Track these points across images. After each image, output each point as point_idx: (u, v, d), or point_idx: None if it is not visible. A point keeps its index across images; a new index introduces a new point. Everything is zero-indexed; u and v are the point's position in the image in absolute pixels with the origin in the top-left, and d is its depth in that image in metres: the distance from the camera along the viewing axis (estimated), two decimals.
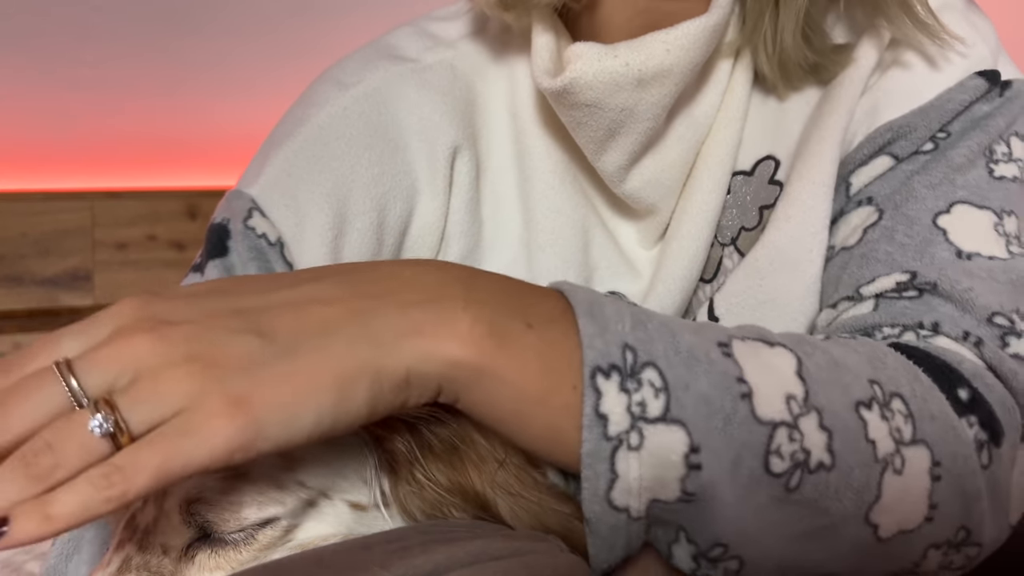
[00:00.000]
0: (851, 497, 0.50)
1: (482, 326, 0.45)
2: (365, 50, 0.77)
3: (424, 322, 0.44)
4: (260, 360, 0.41)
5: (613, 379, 0.46)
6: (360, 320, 0.44)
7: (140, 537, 0.50)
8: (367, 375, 0.42)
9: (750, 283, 0.68)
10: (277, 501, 0.50)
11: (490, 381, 0.45)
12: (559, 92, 0.67)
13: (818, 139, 0.68)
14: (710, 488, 0.47)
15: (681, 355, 0.47)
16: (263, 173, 0.70)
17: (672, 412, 0.46)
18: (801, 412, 0.49)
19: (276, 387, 0.40)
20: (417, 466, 0.51)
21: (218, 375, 0.40)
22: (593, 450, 0.45)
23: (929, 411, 0.53)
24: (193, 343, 0.41)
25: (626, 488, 0.46)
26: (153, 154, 1.75)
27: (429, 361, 0.44)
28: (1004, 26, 0.75)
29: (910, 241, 0.62)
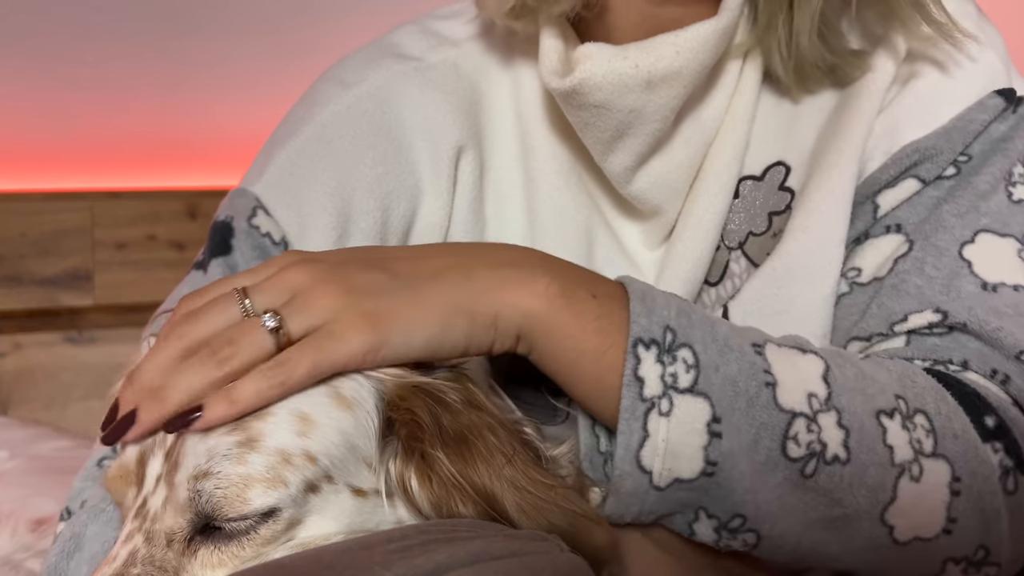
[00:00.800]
0: (865, 494, 0.54)
1: (556, 287, 0.54)
2: (368, 49, 0.77)
3: (510, 279, 0.54)
4: (386, 290, 0.52)
5: (652, 351, 0.53)
6: (462, 272, 0.54)
7: (148, 527, 0.50)
8: (465, 313, 0.53)
9: (766, 292, 0.68)
10: (282, 482, 0.49)
11: (557, 334, 0.54)
12: (568, 93, 0.67)
13: (836, 151, 0.67)
14: (729, 459, 0.52)
15: (717, 343, 0.54)
16: (267, 171, 0.70)
17: (700, 386, 0.53)
18: (821, 409, 0.54)
19: (398, 310, 0.52)
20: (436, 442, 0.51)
21: (355, 297, 0.51)
22: (630, 407, 0.52)
23: (952, 430, 0.57)
24: (336, 272, 0.53)
25: (653, 449, 0.52)
26: (153, 154, 1.75)
27: (512, 310, 0.54)
28: (1004, 26, 0.75)
29: (938, 274, 0.64)
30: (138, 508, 0.51)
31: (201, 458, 0.49)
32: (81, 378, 1.67)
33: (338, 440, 0.51)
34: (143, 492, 0.51)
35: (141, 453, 0.52)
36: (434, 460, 0.51)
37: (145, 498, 0.51)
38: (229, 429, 0.49)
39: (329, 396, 0.51)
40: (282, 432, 0.50)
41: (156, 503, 0.51)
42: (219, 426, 0.49)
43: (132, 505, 0.52)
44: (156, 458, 0.51)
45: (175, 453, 0.50)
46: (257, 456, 0.49)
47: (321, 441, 0.51)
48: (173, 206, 1.74)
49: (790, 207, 0.71)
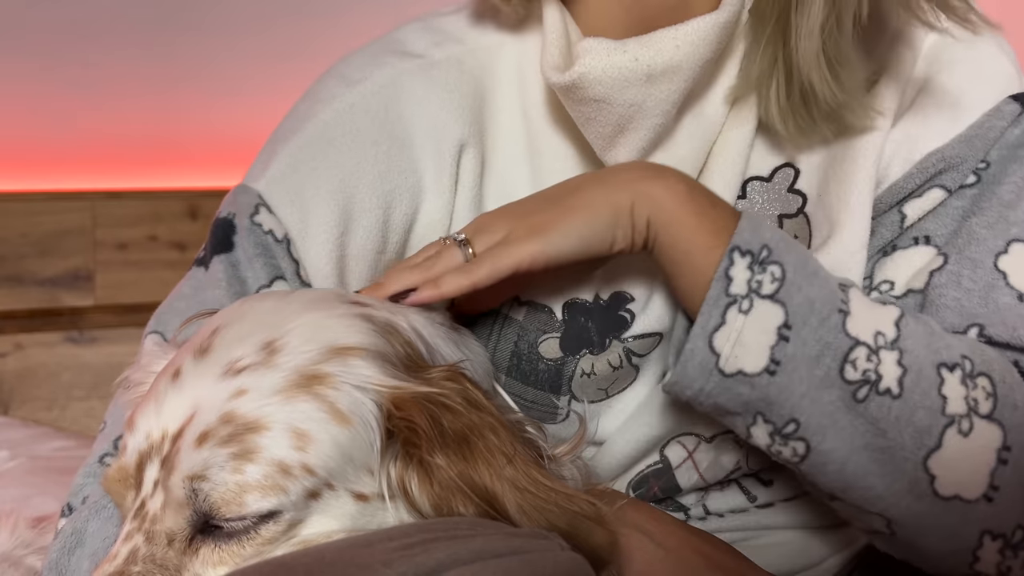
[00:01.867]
0: (911, 433, 0.58)
1: (684, 186, 0.62)
2: (373, 46, 0.77)
3: (642, 175, 0.63)
4: (542, 208, 0.64)
5: (746, 259, 0.59)
6: (599, 180, 0.64)
7: (148, 527, 0.50)
8: (607, 205, 0.62)
9: None
10: (281, 489, 0.50)
11: (677, 225, 0.61)
12: (568, 87, 0.67)
13: (851, 159, 0.68)
14: (791, 363, 0.58)
15: (807, 269, 0.59)
16: (270, 168, 0.70)
17: (780, 295, 0.58)
18: (884, 346, 0.59)
19: (553, 219, 0.62)
20: (436, 448, 0.51)
21: (520, 219, 0.64)
22: (714, 297, 0.58)
23: (1014, 400, 0.60)
24: (509, 211, 0.66)
25: (727, 335, 0.58)
26: (154, 154, 1.75)
27: (645, 198, 0.62)
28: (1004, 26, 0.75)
29: (975, 286, 0.66)
30: (137, 509, 0.51)
31: (196, 465, 0.50)
32: (82, 378, 1.67)
33: (336, 453, 0.51)
34: (141, 495, 0.52)
35: (140, 458, 0.52)
36: (433, 466, 0.51)
37: (144, 500, 0.51)
38: (223, 441, 0.50)
39: (325, 411, 0.51)
40: (279, 447, 0.50)
41: (155, 505, 0.51)
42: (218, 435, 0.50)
43: (131, 507, 0.52)
44: (154, 464, 0.51)
45: (171, 460, 0.50)
46: (254, 466, 0.50)
47: (318, 455, 0.51)
48: (174, 206, 1.74)
49: (803, 212, 0.71)
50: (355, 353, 0.53)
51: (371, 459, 0.52)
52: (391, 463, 0.53)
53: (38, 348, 1.66)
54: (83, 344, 1.68)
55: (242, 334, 0.53)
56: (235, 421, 0.50)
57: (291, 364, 0.52)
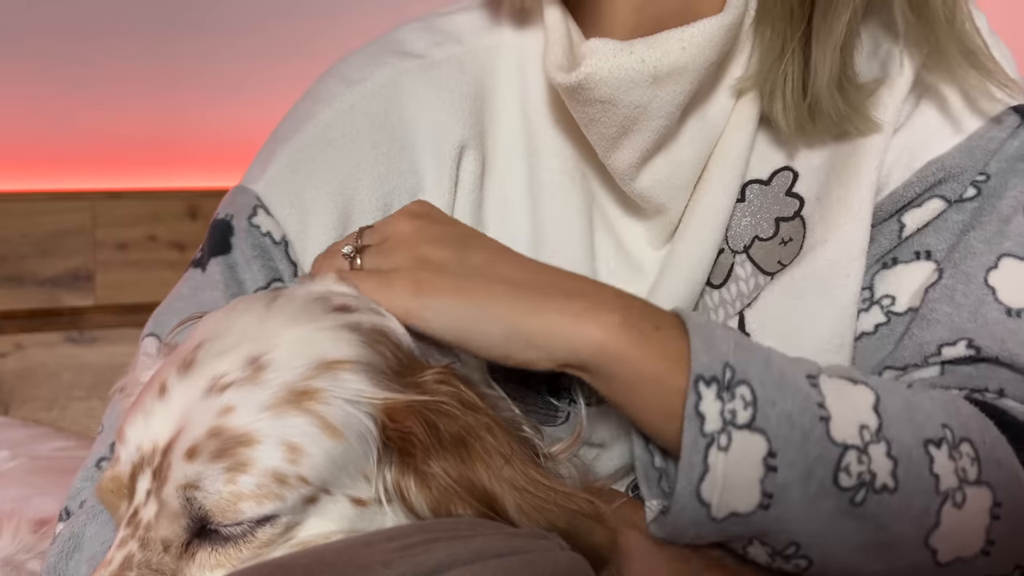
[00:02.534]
0: (910, 520, 0.56)
1: (617, 317, 0.56)
2: (373, 46, 0.76)
3: (570, 305, 0.57)
4: (448, 270, 0.58)
5: (712, 388, 0.55)
6: (527, 287, 0.58)
7: (142, 534, 0.50)
8: (506, 319, 0.56)
9: (786, 303, 0.68)
10: (277, 496, 0.49)
11: (616, 362, 0.56)
12: (573, 88, 0.67)
13: (853, 165, 0.67)
14: (784, 491, 0.55)
15: (773, 378, 0.56)
16: (268, 169, 0.70)
17: (757, 422, 0.55)
18: (872, 440, 0.56)
19: (444, 288, 0.57)
20: (432, 455, 0.51)
21: (419, 264, 0.58)
22: (691, 442, 0.54)
23: (996, 458, 0.59)
24: (421, 242, 0.60)
25: (712, 482, 0.54)
26: (154, 154, 1.75)
27: (562, 336, 0.56)
28: (1004, 26, 0.75)
29: (966, 301, 0.65)
30: (130, 517, 0.51)
31: (190, 475, 0.49)
32: (82, 378, 1.67)
33: (330, 465, 0.51)
34: (134, 503, 0.51)
35: (133, 468, 0.52)
36: (430, 474, 0.51)
37: (136, 508, 0.51)
38: (214, 455, 0.49)
39: (317, 426, 0.51)
40: (271, 458, 0.50)
41: (148, 514, 0.51)
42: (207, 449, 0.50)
43: (125, 515, 0.52)
44: (145, 475, 0.51)
45: (163, 472, 0.50)
46: (247, 477, 0.49)
47: (312, 467, 0.51)
48: (174, 206, 1.74)
49: (800, 215, 0.70)
50: (344, 367, 0.52)
51: (367, 467, 0.52)
52: (387, 469, 0.53)
53: (38, 348, 1.66)
54: (83, 344, 1.68)
55: (226, 348, 0.53)
56: (224, 435, 0.50)
57: (279, 380, 0.51)
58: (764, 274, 0.71)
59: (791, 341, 0.66)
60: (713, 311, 0.74)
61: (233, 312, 0.56)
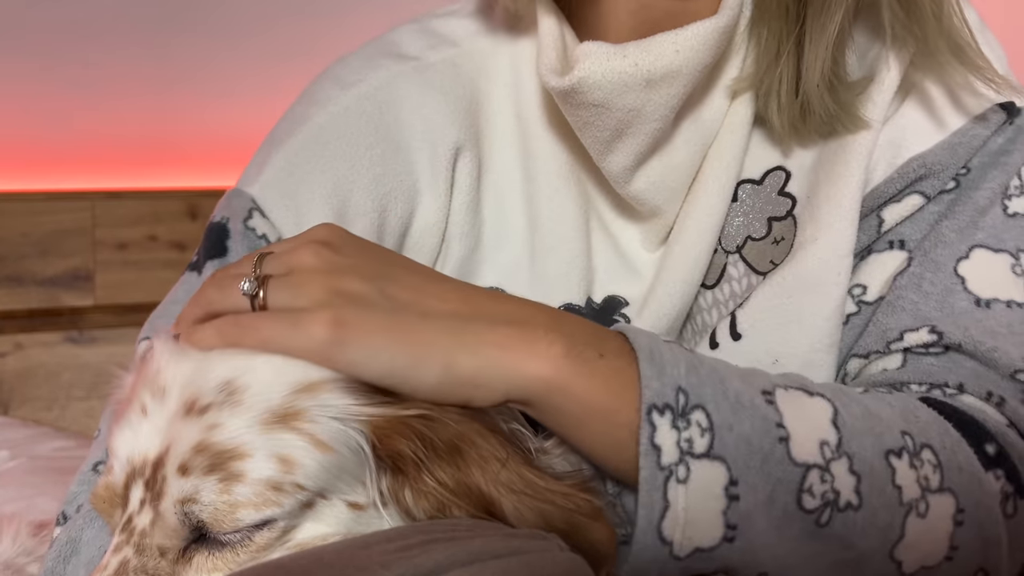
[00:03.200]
0: (876, 535, 0.54)
1: (559, 347, 0.52)
2: (367, 48, 0.76)
3: (507, 338, 0.52)
4: (371, 305, 0.52)
5: (666, 416, 0.51)
6: (458, 319, 0.53)
7: (137, 540, 0.50)
8: (441, 359, 0.51)
9: (776, 302, 0.67)
10: (274, 503, 0.49)
11: (560, 395, 0.52)
12: (566, 91, 0.66)
13: (843, 163, 0.67)
14: (747, 520, 0.52)
15: (728, 400, 0.53)
16: (264, 172, 0.70)
17: (715, 449, 0.52)
18: (833, 457, 0.54)
19: (371, 327, 0.51)
20: (423, 469, 0.51)
21: (337, 299, 0.51)
22: (649, 478, 0.51)
23: (957, 463, 0.57)
24: (336, 272, 0.53)
25: (674, 519, 0.51)
26: (154, 154, 1.75)
27: (502, 370, 0.52)
28: (1004, 26, 0.75)
29: (933, 289, 0.64)
30: (124, 524, 0.51)
31: (187, 490, 0.49)
32: (82, 378, 1.67)
33: (324, 474, 0.51)
34: (128, 511, 0.51)
35: (127, 478, 0.52)
36: (424, 489, 0.51)
37: (130, 516, 0.51)
38: (207, 469, 0.49)
39: (307, 441, 0.51)
40: (264, 469, 0.50)
41: (143, 521, 0.51)
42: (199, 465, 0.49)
43: (119, 522, 0.52)
44: (138, 485, 0.51)
45: (157, 486, 0.50)
46: (243, 487, 0.49)
47: (306, 476, 0.50)
48: (174, 206, 1.74)
49: (792, 214, 0.70)
50: (325, 387, 0.51)
51: (362, 475, 0.52)
52: (383, 477, 0.53)
53: (38, 348, 1.66)
54: (83, 344, 1.69)
55: (197, 373, 0.52)
56: (211, 450, 0.49)
57: (261, 404, 0.50)
58: (756, 274, 0.71)
59: (782, 340, 0.66)
60: (707, 311, 0.74)
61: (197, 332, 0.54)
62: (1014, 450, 0.59)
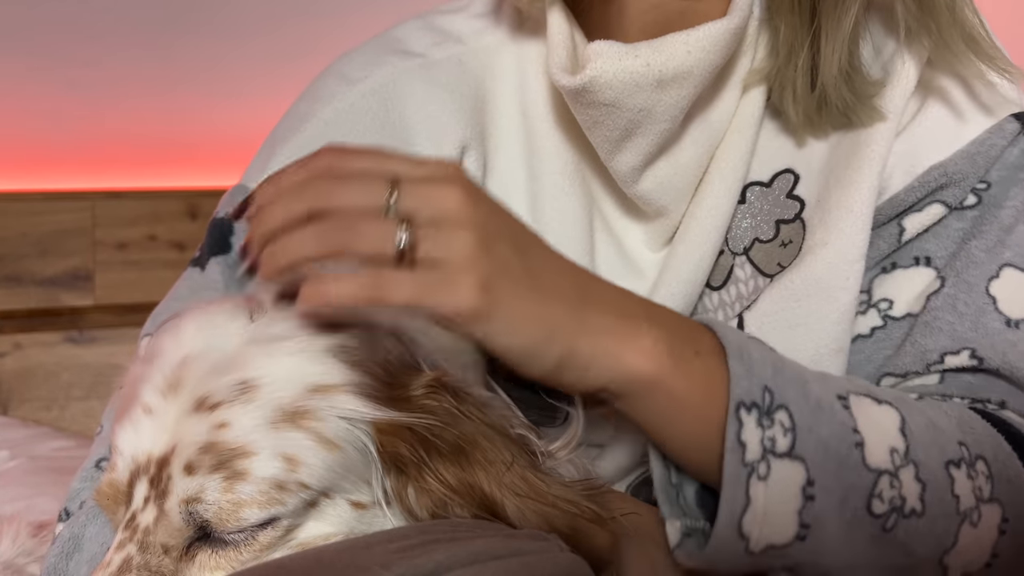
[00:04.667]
0: (933, 542, 0.56)
1: (662, 345, 0.54)
2: (372, 44, 0.76)
3: (618, 326, 0.53)
4: (515, 275, 0.51)
5: (753, 414, 0.53)
6: (578, 301, 0.53)
7: (141, 537, 0.50)
8: (567, 342, 0.52)
9: (784, 305, 0.67)
10: (278, 502, 0.49)
11: (662, 394, 0.54)
12: (577, 90, 0.66)
13: (855, 168, 0.67)
14: (821, 520, 0.53)
15: (810, 403, 0.55)
16: (268, 168, 0.70)
17: (796, 450, 0.53)
18: (902, 464, 0.56)
19: (514, 300, 0.50)
20: (426, 469, 0.51)
21: (488, 261, 0.50)
22: (733, 474, 0.52)
23: (1007, 475, 0.59)
24: (486, 229, 0.51)
25: (753, 515, 0.52)
26: (154, 154, 1.75)
27: (611, 361, 0.53)
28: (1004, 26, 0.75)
29: (967, 310, 0.65)
30: (127, 521, 0.51)
31: (191, 489, 0.49)
32: (81, 378, 1.67)
33: (329, 473, 0.51)
34: (131, 509, 0.51)
35: (131, 475, 0.52)
36: (427, 488, 0.51)
37: (134, 513, 0.51)
38: (213, 468, 0.49)
39: (313, 440, 0.51)
40: (269, 468, 0.50)
41: (147, 519, 0.51)
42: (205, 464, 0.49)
43: (122, 519, 0.52)
44: (142, 483, 0.51)
45: (161, 484, 0.50)
46: (247, 486, 0.49)
47: (311, 474, 0.50)
48: (173, 206, 1.74)
49: (800, 217, 0.70)
50: (337, 390, 0.51)
51: (367, 475, 0.52)
52: (387, 477, 0.53)
53: (37, 348, 1.66)
54: (83, 344, 1.68)
55: (212, 370, 0.51)
56: (217, 449, 0.49)
57: (272, 403, 0.50)
58: (764, 276, 0.71)
59: (789, 344, 0.66)
60: (712, 313, 0.74)
61: (214, 327, 0.54)
62: None
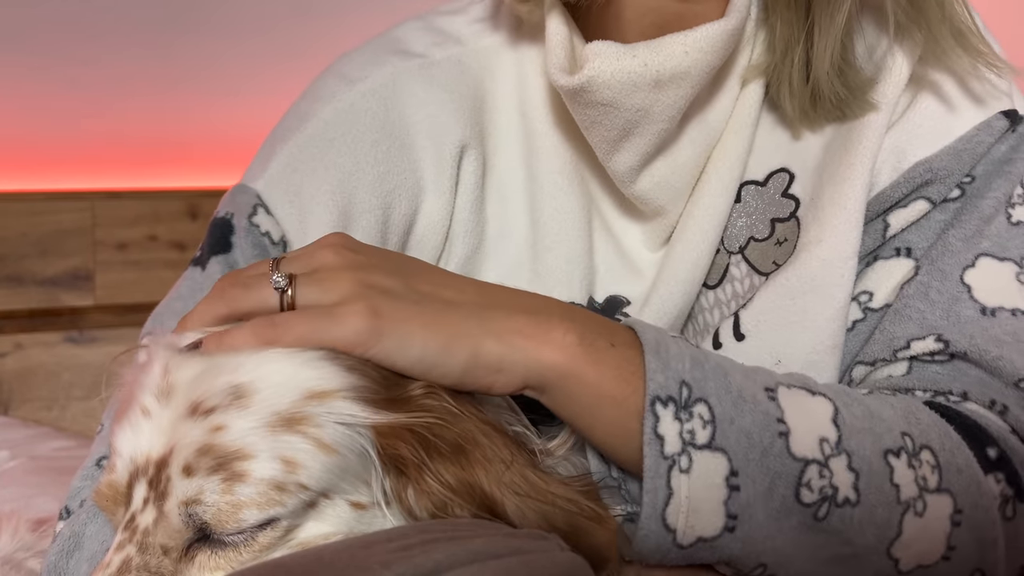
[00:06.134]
0: (873, 531, 0.55)
1: (573, 336, 0.55)
2: (372, 44, 0.76)
3: (526, 325, 0.54)
4: (400, 297, 0.54)
5: (669, 408, 0.53)
6: (478, 308, 0.55)
7: (140, 538, 0.50)
8: (469, 345, 0.53)
9: (780, 303, 0.67)
10: (277, 503, 0.49)
11: (574, 382, 0.54)
12: (575, 90, 0.66)
13: (847, 165, 0.67)
14: (747, 510, 0.53)
15: (731, 394, 0.55)
16: (269, 168, 0.70)
17: (717, 441, 0.53)
18: (832, 453, 0.55)
19: (403, 316, 0.52)
20: (426, 470, 0.51)
21: (369, 291, 0.53)
22: (652, 466, 0.52)
23: (956, 464, 0.58)
24: (362, 268, 0.55)
25: (677, 506, 0.53)
26: (154, 154, 1.75)
27: (522, 356, 0.54)
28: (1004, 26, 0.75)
29: (940, 298, 0.65)
30: (127, 522, 0.51)
31: (191, 491, 0.49)
32: (82, 378, 1.67)
33: (327, 475, 0.51)
34: (131, 510, 0.51)
35: (130, 476, 0.52)
36: (427, 489, 0.51)
37: (133, 514, 0.51)
38: (211, 470, 0.49)
39: (311, 443, 0.51)
40: (268, 470, 0.50)
41: (146, 520, 0.51)
42: (203, 467, 0.49)
43: (122, 520, 0.52)
44: (141, 484, 0.51)
45: (161, 486, 0.50)
46: (246, 487, 0.49)
47: (310, 476, 0.50)
48: (174, 206, 1.74)
49: (795, 215, 0.70)
50: (333, 395, 0.51)
51: (366, 476, 0.52)
52: (386, 478, 0.53)
53: (38, 348, 1.66)
54: (83, 344, 1.68)
55: (205, 374, 0.52)
56: (215, 451, 0.49)
57: (268, 408, 0.50)
58: (759, 274, 0.71)
59: (785, 341, 0.66)
60: (708, 311, 0.74)
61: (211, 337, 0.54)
62: (1016, 455, 0.60)
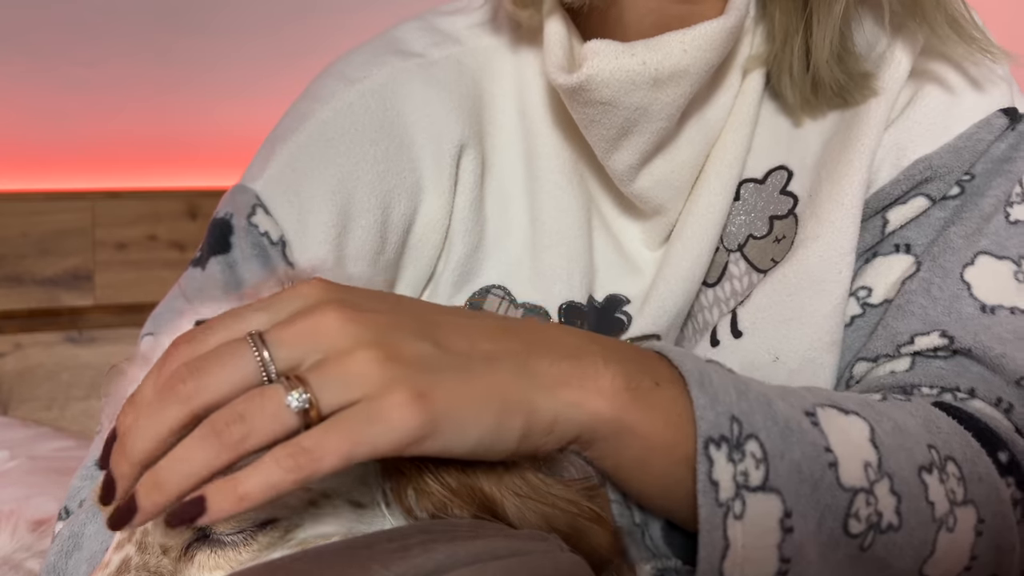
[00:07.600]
0: (911, 554, 0.54)
1: (620, 380, 0.48)
2: (371, 44, 0.76)
3: (571, 376, 0.47)
4: (437, 366, 0.43)
5: (723, 449, 0.49)
6: (519, 360, 0.46)
7: (139, 538, 0.50)
8: (524, 409, 0.45)
9: (777, 299, 0.67)
10: (278, 502, 0.49)
11: (626, 433, 0.49)
12: (574, 89, 0.67)
13: (846, 161, 0.67)
14: (800, 551, 0.50)
15: (778, 425, 0.51)
16: (267, 168, 0.70)
17: (771, 481, 0.49)
18: (876, 479, 0.53)
19: (453, 393, 0.43)
20: (426, 471, 0.51)
21: (403, 369, 0.42)
22: (708, 516, 0.48)
23: (978, 473, 0.57)
24: (380, 332, 0.42)
25: (733, 558, 0.48)
26: (154, 154, 1.75)
27: (574, 411, 0.47)
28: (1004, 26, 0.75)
29: (941, 295, 0.65)
30: None
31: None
32: (81, 378, 1.68)
33: (326, 480, 0.51)
34: None
35: None
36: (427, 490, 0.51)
37: None
38: None
39: None
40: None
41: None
42: None
43: None
44: None
45: None
46: None
47: None
48: (173, 206, 1.74)
49: (793, 212, 0.71)
50: None
51: (366, 476, 0.52)
52: (387, 478, 0.53)
53: (37, 348, 1.66)
54: (83, 344, 1.69)
55: None
56: None
57: None
58: (758, 272, 0.71)
59: (783, 338, 0.66)
60: (708, 309, 0.74)
61: None
62: (1023, 456, 0.60)
